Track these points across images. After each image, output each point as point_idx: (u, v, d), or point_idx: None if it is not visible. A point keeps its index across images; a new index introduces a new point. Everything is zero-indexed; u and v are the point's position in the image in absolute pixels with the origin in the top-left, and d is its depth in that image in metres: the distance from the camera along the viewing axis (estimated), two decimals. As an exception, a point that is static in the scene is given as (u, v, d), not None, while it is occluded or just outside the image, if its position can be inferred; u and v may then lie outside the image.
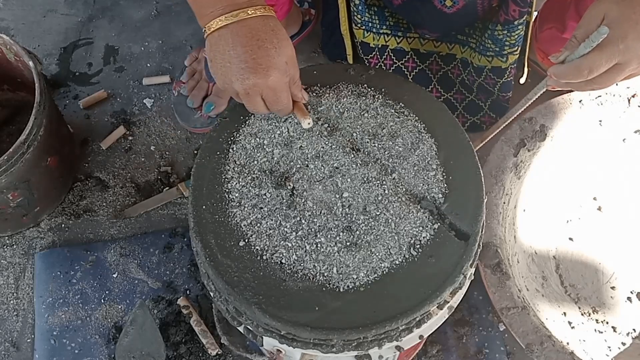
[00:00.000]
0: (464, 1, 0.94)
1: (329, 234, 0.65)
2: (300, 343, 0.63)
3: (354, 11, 0.99)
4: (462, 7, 0.95)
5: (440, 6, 0.95)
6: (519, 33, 0.95)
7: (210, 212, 0.67)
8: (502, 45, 0.97)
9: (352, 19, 1.00)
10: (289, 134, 0.71)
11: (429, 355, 0.95)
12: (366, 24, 1.02)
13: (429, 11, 0.97)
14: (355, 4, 0.98)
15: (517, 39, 0.96)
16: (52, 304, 0.99)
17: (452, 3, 0.94)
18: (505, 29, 0.95)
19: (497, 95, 1.07)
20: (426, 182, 0.68)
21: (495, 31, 0.96)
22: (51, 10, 1.32)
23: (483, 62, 1.02)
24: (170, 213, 1.09)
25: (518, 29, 0.94)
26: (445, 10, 0.96)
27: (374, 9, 1.02)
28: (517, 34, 0.95)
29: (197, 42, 1.27)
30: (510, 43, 0.97)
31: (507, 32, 0.95)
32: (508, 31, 0.95)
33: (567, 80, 0.71)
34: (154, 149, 1.15)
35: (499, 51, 0.98)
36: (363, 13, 1.00)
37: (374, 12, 1.02)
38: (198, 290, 1.00)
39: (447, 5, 0.95)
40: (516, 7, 0.91)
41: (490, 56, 1.00)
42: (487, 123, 1.12)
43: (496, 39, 0.97)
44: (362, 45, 1.04)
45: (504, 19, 0.94)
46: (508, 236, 0.96)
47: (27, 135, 0.89)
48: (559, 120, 1.00)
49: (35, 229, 1.07)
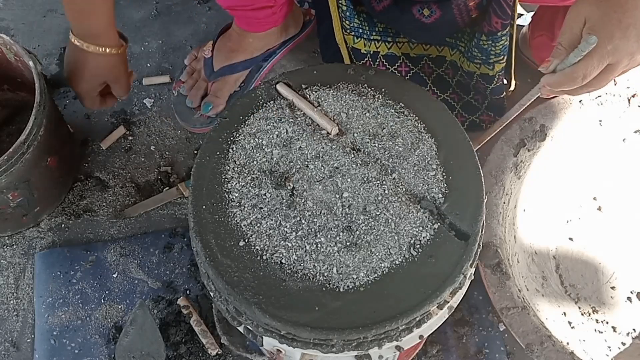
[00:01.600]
0: (440, 11, 0.94)
1: (329, 234, 0.65)
2: (300, 343, 0.63)
3: (342, 17, 0.99)
4: (440, 17, 0.95)
5: (418, 15, 0.96)
6: (503, 43, 0.96)
7: (210, 212, 0.67)
8: (487, 55, 0.98)
9: (342, 25, 1.00)
10: (288, 134, 0.71)
11: (429, 355, 0.95)
12: (356, 30, 1.02)
13: (408, 20, 0.97)
14: (342, 10, 0.98)
15: (502, 49, 0.97)
16: (52, 304, 0.99)
17: (430, 12, 0.95)
18: (490, 39, 0.95)
19: (490, 98, 1.08)
20: (426, 182, 0.68)
21: (481, 41, 0.97)
22: (51, 10, 1.32)
23: (472, 67, 1.03)
24: (170, 213, 1.09)
25: (502, 39, 0.95)
26: (424, 19, 0.96)
27: (363, 15, 1.02)
28: (502, 44, 0.96)
29: (197, 41, 1.27)
30: (495, 52, 0.97)
31: (492, 42, 0.96)
32: (492, 41, 0.96)
33: (562, 88, 0.71)
34: (154, 149, 1.15)
35: (485, 59, 0.99)
36: (352, 19, 1.00)
37: (363, 19, 1.02)
38: (198, 290, 1.00)
39: (425, 14, 0.95)
40: (498, 20, 0.92)
41: (477, 63, 1.01)
42: (486, 121, 1.13)
43: (482, 48, 0.98)
44: (354, 51, 1.04)
45: (487, 30, 0.94)
46: (508, 236, 0.96)
47: (27, 135, 0.89)
48: (559, 120, 1.00)
49: (35, 229, 1.07)
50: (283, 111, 0.73)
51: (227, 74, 1.14)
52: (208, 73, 1.14)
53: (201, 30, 1.29)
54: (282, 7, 1.07)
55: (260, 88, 0.76)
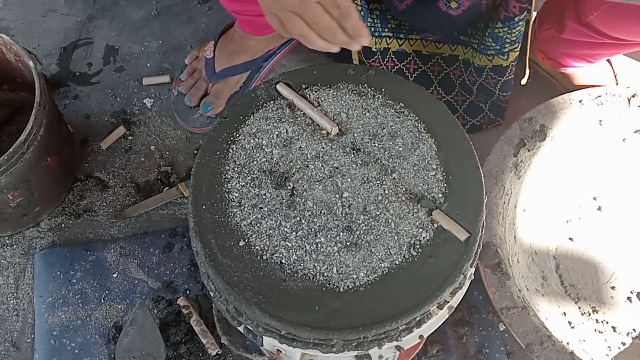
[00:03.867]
0: (469, 2, 0.94)
1: (329, 233, 0.65)
2: (300, 343, 0.63)
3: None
4: (468, 8, 0.95)
5: (445, 8, 0.95)
6: (519, 29, 0.95)
7: (210, 212, 0.67)
8: (502, 43, 0.97)
9: None
10: (288, 134, 0.71)
11: (429, 355, 0.95)
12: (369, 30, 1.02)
13: (435, 14, 0.96)
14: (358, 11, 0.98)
15: (518, 35, 0.96)
16: (52, 304, 0.99)
17: (458, 5, 0.94)
18: (506, 25, 0.95)
19: (497, 95, 1.07)
20: (426, 182, 0.68)
21: (496, 29, 0.96)
22: (51, 10, 1.32)
23: (484, 61, 1.02)
24: (170, 213, 1.09)
25: (518, 25, 0.94)
26: (451, 12, 0.95)
27: (376, 12, 1.02)
28: (518, 31, 0.95)
29: (197, 41, 1.27)
30: (511, 40, 0.96)
31: (508, 29, 0.95)
32: (508, 28, 0.95)
33: None
34: (154, 148, 1.15)
35: (499, 49, 0.98)
36: (366, 18, 1.00)
37: (376, 16, 1.02)
38: (198, 290, 1.00)
39: (453, 7, 0.95)
40: (516, 3, 0.91)
41: (491, 54, 1.00)
42: (487, 124, 1.12)
43: (497, 36, 0.97)
44: (364, 49, 1.04)
45: (504, 16, 0.94)
46: (508, 236, 0.96)
47: (27, 135, 0.89)
48: (559, 120, 1.00)
49: (35, 229, 1.07)
50: (283, 111, 0.73)
51: (229, 76, 1.14)
52: (209, 74, 1.14)
53: (201, 30, 1.29)
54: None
55: (260, 88, 0.76)
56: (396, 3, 0.98)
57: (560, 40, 1.06)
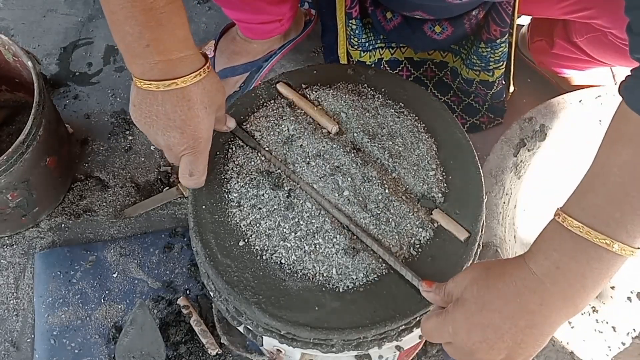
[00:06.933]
0: (452, 27, 0.96)
1: (326, 235, 0.65)
2: (300, 343, 0.63)
3: (351, 35, 1.01)
4: (452, 33, 0.97)
5: (430, 32, 0.98)
6: (502, 50, 0.98)
7: (210, 212, 0.67)
8: (487, 62, 1.00)
9: (350, 42, 1.02)
10: (290, 132, 0.71)
11: (429, 355, 0.95)
12: (363, 45, 1.04)
13: (420, 37, 0.99)
14: (352, 29, 1.00)
15: (502, 55, 0.99)
16: (52, 303, 0.99)
17: (442, 29, 0.97)
18: (489, 46, 0.98)
19: (490, 102, 1.09)
20: (426, 181, 0.68)
21: (480, 48, 0.99)
22: (51, 10, 1.32)
23: (471, 75, 1.05)
24: (170, 213, 1.09)
25: (500, 46, 0.97)
26: (435, 36, 0.98)
27: (369, 26, 1.04)
28: (501, 51, 0.98)
29: (197, 41, 1.25)
30: (494, 59, 0.99)
31: (491, 49, 0.98)
32: (491, 49, 0.98)
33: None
34: (154, 148, 1.15)
35: (484, 66, 1.01)
36: (360, 35, 1.02)
37: (369, 29, 1.04)
38: (198, 290, 1.00)
39: (437, 31, 0.97)
40: (497, 27, 0.94)
41: (477, 70, 1.03)
42: (486, 123, 1.13)
43: (481, 55, 0.99)
44: (359, 63, 1.06)
45: (487, 38, 0.96)
46: (508, 236, 0.96)
47: (26, 135, 0.89)
48: (559, 120, 1.00)
49: (35, 229, 1.07)
50: (284, 110, 0.73)
51: (229, 76, 1.15)
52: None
53: (201, 30, 1.29)
54: (290, 19, 1.07)
55: (260, 88, 0.76)
56: (384, 23, 1.00)
57: (550, 55, 1.09)
